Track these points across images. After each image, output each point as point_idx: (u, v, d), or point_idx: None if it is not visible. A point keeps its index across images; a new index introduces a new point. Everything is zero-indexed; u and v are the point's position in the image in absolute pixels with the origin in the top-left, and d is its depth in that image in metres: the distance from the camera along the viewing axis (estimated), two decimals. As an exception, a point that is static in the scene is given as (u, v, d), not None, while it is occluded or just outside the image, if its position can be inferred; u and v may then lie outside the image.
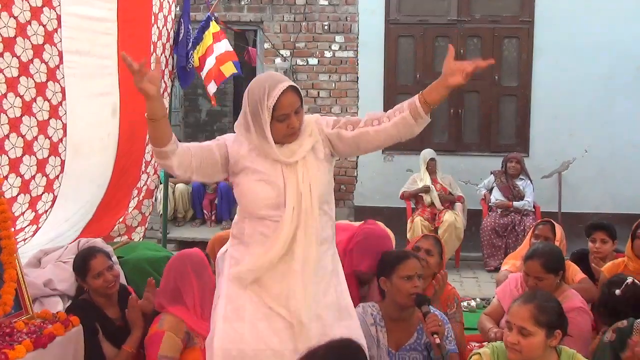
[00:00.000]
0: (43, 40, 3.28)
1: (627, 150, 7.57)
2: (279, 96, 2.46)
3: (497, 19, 7.81)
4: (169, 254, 4.68)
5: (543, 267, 3.36)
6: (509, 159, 7.16)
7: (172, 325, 3.15)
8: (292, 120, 2.50)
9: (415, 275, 3.07)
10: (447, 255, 6.78)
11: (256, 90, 2.51)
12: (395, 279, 3.09)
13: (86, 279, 3.32)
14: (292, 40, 7.99)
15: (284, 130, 2.51)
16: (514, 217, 6.94)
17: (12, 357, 2.60)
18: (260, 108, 2.48)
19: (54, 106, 3.38)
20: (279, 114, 2.47)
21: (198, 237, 7.57)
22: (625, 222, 4.18)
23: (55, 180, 3.48)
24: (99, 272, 3.30)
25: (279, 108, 2.47)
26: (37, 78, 3.30)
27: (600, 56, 7.51)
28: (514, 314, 2.55)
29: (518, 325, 2.51)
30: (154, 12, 4.38)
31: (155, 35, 4.45)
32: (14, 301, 2.94)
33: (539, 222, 4.60)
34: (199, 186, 8.34)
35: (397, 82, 8.02)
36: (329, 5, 7.96)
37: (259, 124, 2.50)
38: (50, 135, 3.39)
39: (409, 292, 3.05)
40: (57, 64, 3.36)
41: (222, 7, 7.95)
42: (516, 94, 7.88)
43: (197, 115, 11.57)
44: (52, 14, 3.29)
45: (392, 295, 3.12)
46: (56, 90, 3.38)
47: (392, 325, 3.13)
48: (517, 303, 2.59)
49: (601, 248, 4.14)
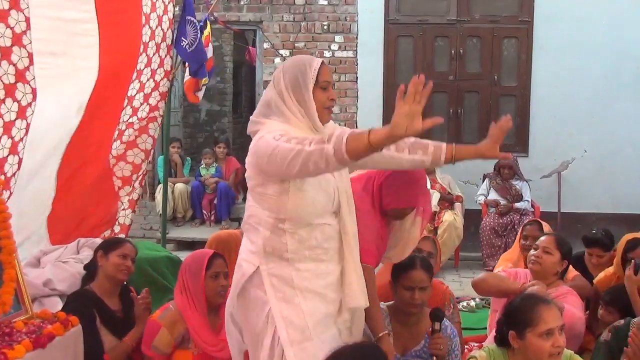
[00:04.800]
0: (11, 42, 3.30)
1: (626, 150, 7.58)
2: (320, 65, 2.50)
3: (496, 19, 7.82)
4: (168, 253, 4.70)
5: (555, 242, 3.49)
6: (501, 165, 7.17)
7: (171, 322, 3.16)
8: (331, 92, 2.53)
9: (416, 287, 3.05)
10: (447, 255, 6.82)
11: (295, 65, 2.52)
12: (399, 286, 3.10)
13: (110, 253, 3.40)
14: (292, 40, 7.99)
15: (323, 101, 2.50)
16: (513, 217, 6.95)
17: (11, 357, 2.59)
18: (302, 77, 2.47)
19: (22, 107, 3.39)
20: (322, 79, 2.49)
21: (197, 237, 7.56)
22: (625, 221, 4.18)
23: (12, 178, 3.50)
24: (125, 254, 3.42)
25: (322, 74, 2.50)
26: (6, 80, 3.31)
27: (600, 56, 7.52)
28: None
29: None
30: (145, 13, 4.39)
31: (146, 35, 4.45)
32: (13, 301, 2.93)
33: (526, 222, 4.62)
34: (198, 186, 8.35)
35: (396, 82, 8.01)
36: (328, 5, 7.97)
37: (299, 94, 2.47)
38: (13, 135, 3.40)
39: (407, 301, 3.07)
40: (26, 66, 3.37)
41: (222, 7, 7.95)
42: (515, 93, 7.89)
43: (196, 115, 11.57)
44: (21, 17, 3.31)
45: (397, 300, 3.15)
46: (26, 92, 3.40)
47: (400, 330, 3.13)
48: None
49: (597, 262, 4.17)
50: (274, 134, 2.36)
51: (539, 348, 2.46)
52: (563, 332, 2.51)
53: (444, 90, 7.95)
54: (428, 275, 3.12)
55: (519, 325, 2.51)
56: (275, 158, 2.30)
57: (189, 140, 11.21)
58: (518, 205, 7.02)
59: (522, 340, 2.51)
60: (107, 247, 3.47)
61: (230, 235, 3.95)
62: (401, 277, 3.09)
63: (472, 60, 7.90)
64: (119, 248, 3.44)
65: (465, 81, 7.90)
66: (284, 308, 2.47)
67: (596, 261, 4.15)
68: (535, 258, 3.48)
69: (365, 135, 2.15)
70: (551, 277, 3.48)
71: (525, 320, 2.50)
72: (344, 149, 2.15)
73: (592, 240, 4.16)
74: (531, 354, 2.50)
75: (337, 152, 2.16)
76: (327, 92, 2.51)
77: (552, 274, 3.48)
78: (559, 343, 2.46)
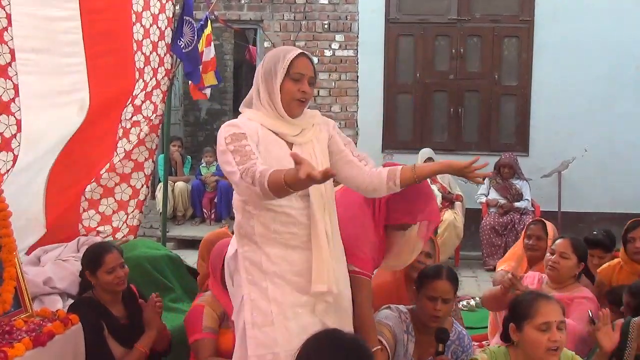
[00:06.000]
0: None
1: (626, 150, 7.57)
2: (295, 56, 2.52)
3: (497, 18, 7.81)
4: (168, 252, 4.69)
5: (571, 245, 3.49)
6: (501, 165, 7.19)
7: (211, 301, 3.22)
8: (304, 85, 2.52)
9: (439, 298, 3.00)
10: (447, 254, 6.82)
11: (272, 55, 2.57)
12: (422, 294, 3.05)
13: (97, 273, 3.25)
14: (292, 39, 7.98)
15: (293, 92, 2.51)
16: (513, 216, 6.96)
17: (11, 355, 2.60)
18: (274, 68, 2.51)
19: (4, 102, 3.39)
20: (294, 71, 2.51)
21: (198, 236, 7.54)
22: (625, 221, 4.17)
23: (4, 175, 3.50)
24: (113, 267, 3.25)
25: (294, 66, 2.51)
26: None
27: (600, 55, 7.51)
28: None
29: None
30: (136, 11, 4.39)
31: (139, 34, 4.45)
32: (14, 299, 2.94)
33: (530, 222, 4.62)
34: (199, 184, 8.36)
35: (397, 81, 8.03)
36: (329, 4, 7.96)
37: (269, 84, 2.52)
38: (1, 131, 3.41)
39: (429, 313, 3.01)
40: (8, 62, 3.38)
41: (222, 5, 7.96)
42: (516, 93, 7.88)
43: (196, 113, 11.57)
44: (2, 13, 3.31)
45: (419, 309, 3.10)
46: (8, 87, 3.40)
47: (420, 337, 3.08)
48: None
49: (599, 263, 4.18)
50: (227, 132, 2.47)
51: (535, 340, 2.48)
52: (564, 329, 2.50)
53: (444, 89, 7.95)
54: (453, 287, 3.06)
55: (519, 318, 2.55)
56: (222, 164, 2.47)
57: (190, 138, 11.23)
58: (518, 204, 7.04)
59: (520, 333, 2.53)
60: (91, 267, 3.30)
61: (217, 236, 3.94)
62: (425, 286, 3.04)
63: (473, 59, 7.89)
64: (102, 264, 3.24)
65: (465, 80, 7.90)
66: (252, 290, 2.53)
67: (597, 262, 4.15)
68: (552, 263, 3.49)
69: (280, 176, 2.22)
70: (569, 280, 3.51)
71: (524, 313, 2.53)
72: (267, 187, 2.25)
73: (593, 241, 4.17)
74: (528, 348, 2.51)
75: (263, 191, 2.27)
76: (298, 84, 2.52)
77: (569, 277, 3.51)
78: (556, 338, 2.46)
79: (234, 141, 2.42)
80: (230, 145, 2.42)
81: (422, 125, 7.94)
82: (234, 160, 2.37)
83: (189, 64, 5.23)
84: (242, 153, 2.38)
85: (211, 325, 3.18)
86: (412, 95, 8.01)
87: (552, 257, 3.52)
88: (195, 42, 5.16)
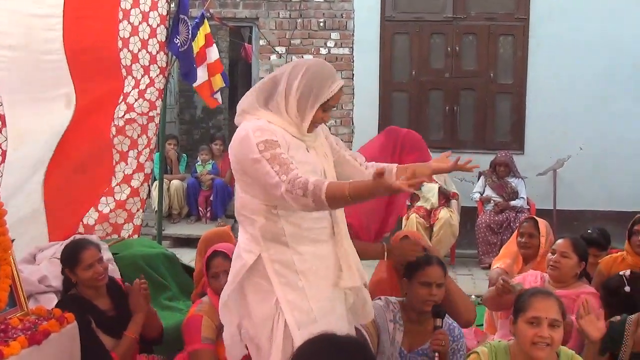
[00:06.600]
0: None
1: (622, 148, 7.59)
2: (339, 89, 2.53)
3: (492, 17, 7.82)
4: (163, 250, 4.69)
5: (572, 245, 3.53)
6: (497, 163, 7.21)
7: (209, 311, 3.21)
8: (329, 114, 2.59)
9: (433, 283, 3.06)
10: (443, 253, 6.81)
11: (318, 74, 2.50)
12: (415, 282, 3.09)
13: (76, 270, 3.25)
14: (288, 37, 7.97)
15: (319, 118, 2.54)
16: (508, 214, 6.98)
17: (6, 353, 2.59)
18: (317, 91, 2.48)
19: None
20: (331, 103, 2.52)
21: (193, 234, 7.56)
22: (620, 219, 4.20)
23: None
24: (90, 264, 3.24)
25: (334, 98, 2.53)
26: None
27: (596, 54, 7.52)
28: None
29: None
30: (123, 8, 4.38)
31: (125, 31, 4.44)
32: (9, 297, 2.94)
33: (522, 220, 4.66)
34: (194, 183, 8.34)
35: (392, 80, 8.03)
36: (324, 2, 7.95)
37: (305, 101, 2.48)
38: None
39: (424, 298, 3.05)
40: None
41: (218, 3, 7.94)
42: (511, 91, 7.89)
43: (192, 111, 11.54)
44: None
45: (410, 298, 3.14)
46: None
47: (409, 327, 3.13)
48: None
49: (594, 261, 4.21)
50: (258, 138, 2.39)
51: (523, 333, 2.51)
52: (558, 328, 2.50)
53: (439, 87, 7.95)
54: (443, 272, 3.15)
55: (515, 311, 2.60)
56: (257, 173, 2.37)
57: (185, 137, 11.19)
58: (514, 202, 7.06)
59: (514, 325, 2.57)
60: (69, 264, 3.29)
61: (217, 235, 3.94)
62: (417, 274, 3.09)
63: (468, 57, 7.90)
64: (80, 262, 3.23)
65: (461, 78, 7.90)
66: (288, 292, 2.50)
67: (593, 260, 4.17)
68: (553, 263, 3.53)
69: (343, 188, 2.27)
70: (570, 280, 3.55)
71: (519, 307, 2.59)
72: (324, 199, 2.26)
73: (588, 240, 4.19)
74: (519, 341, 2.55)
75: (317, 203, 2.28)
76: (326, 113, 2.55)
77: (571, 277, 3.55)
78: (544, 334, 2.46)
79: (268, 148, 2.36)
80: (265, 152, 2.35)
81: (417, 123, 7.93)
82: (273, 169, 2.33)
83: (184, 63, 5.21)
84: (280, 161, 2.33)
85: (209, 336, 3.18)
86: (408, 94, 8.01)
87: (553, 256, 3.55)
88: (190, 41, 5.14)
